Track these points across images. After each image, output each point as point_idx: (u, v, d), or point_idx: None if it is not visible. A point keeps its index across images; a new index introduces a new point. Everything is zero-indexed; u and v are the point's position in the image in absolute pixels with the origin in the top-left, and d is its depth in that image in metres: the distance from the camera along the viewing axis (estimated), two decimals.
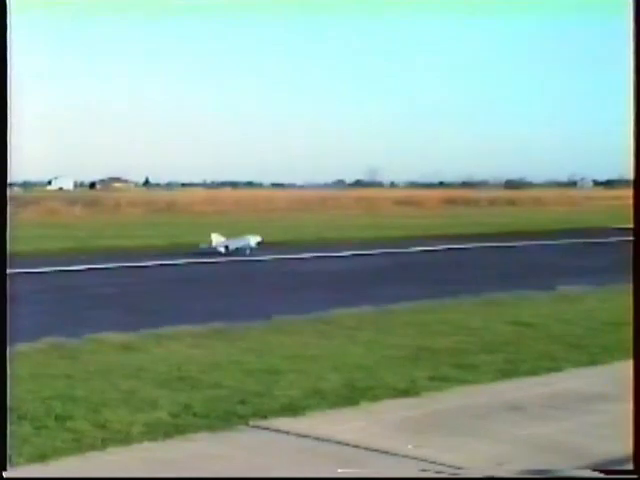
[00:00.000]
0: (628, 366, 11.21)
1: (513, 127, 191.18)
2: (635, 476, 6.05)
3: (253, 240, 32.46)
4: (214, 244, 32.06)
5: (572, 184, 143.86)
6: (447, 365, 11.21)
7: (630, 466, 6.20)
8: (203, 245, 31.90)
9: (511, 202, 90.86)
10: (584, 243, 37.72)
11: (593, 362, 11.58)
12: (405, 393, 9.78)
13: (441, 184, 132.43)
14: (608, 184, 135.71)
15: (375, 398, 9.51)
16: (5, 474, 6.31)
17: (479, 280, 22.85)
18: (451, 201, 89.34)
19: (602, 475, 6.56)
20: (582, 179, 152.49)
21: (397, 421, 8.71)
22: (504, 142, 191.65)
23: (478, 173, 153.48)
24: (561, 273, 24.33)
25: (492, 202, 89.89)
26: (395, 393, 9.75)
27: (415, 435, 8.19)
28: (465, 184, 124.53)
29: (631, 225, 6.18)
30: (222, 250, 31.64)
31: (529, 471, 6.85)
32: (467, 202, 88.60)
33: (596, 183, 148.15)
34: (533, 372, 10.94)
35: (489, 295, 18.50)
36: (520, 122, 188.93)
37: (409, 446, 7.82)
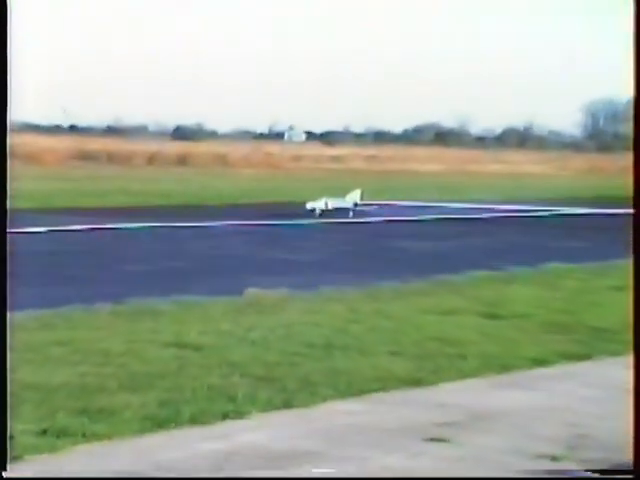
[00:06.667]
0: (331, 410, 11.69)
1: None
2: (634, 476, 7.88)
3: None
4: None
5: (275, 136, 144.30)
6: (68, 411, 11.18)
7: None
8: None
9: (181, 160, 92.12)
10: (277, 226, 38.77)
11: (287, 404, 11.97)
12: None
13: (73, 129, 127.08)
14: (324, 137, 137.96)
15: None
16: (5, 474, 8.26)
17: (116, 279, 23.37)
18: (88, 156, 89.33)
19: (601, 476, 8.67)
20: (290, 129, 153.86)
21: None
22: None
23: (132, 115, 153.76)
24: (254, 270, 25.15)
25: (152, 159, 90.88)
26: None
27: None
28: (110, 130, 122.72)
29: None
30: None
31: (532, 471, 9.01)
32: (113, 158, 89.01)
33: (310, 136, 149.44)
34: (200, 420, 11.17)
35: (138, 302, 18.51)
36: None
37: None
